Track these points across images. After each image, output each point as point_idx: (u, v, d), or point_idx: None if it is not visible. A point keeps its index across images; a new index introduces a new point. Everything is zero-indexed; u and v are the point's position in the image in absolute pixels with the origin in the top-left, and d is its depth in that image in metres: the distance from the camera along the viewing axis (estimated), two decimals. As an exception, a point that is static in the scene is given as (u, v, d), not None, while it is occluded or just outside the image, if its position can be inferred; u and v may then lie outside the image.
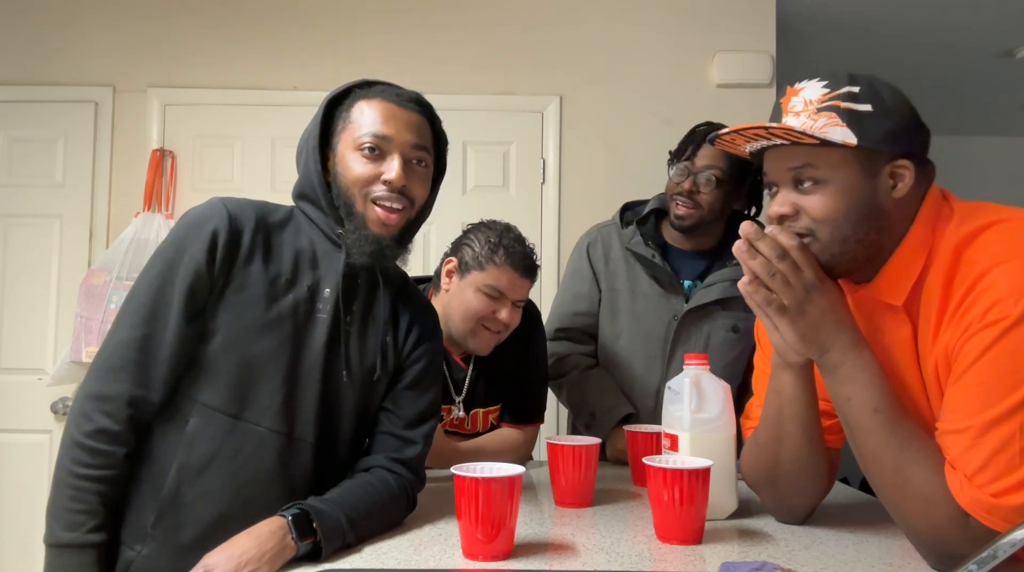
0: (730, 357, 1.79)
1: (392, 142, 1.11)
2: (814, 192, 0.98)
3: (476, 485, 0.98)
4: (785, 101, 1.04)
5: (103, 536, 1.01)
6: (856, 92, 0.97)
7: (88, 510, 1.00)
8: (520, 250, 1.56)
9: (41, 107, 2.81)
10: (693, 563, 0.99)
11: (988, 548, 0.64)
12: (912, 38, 3.24)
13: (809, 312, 0.98)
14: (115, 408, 1.01)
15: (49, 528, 1.00)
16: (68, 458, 1.00)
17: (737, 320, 1.79)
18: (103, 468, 1.01)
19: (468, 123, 2.80)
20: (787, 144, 1.00)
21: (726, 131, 1.02)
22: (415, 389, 1.22)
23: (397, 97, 1.14)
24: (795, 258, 0.97)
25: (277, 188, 2.78)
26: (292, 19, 2.85)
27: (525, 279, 1.57)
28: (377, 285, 1.18)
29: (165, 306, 1.04)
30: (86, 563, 0.99)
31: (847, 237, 0.97)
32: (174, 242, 1.07)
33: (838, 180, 0.97)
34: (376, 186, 1.10)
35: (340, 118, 1.14)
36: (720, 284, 1.77)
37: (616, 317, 1.84)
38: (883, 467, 0.95)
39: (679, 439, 1.22)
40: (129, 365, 1.02)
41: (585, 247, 1.91)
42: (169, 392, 1.05)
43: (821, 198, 0.97)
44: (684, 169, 1.74)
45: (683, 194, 1.73)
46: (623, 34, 2.86)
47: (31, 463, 2.64)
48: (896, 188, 0.98)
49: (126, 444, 1.03)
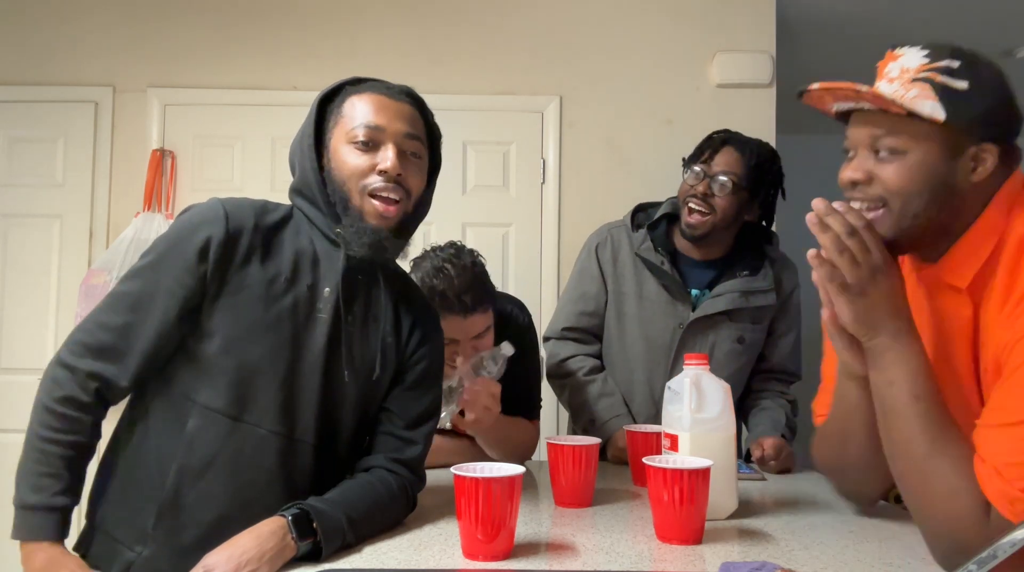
0: (735, 367, 1.79)
1: (385, 132, 1.10)
2: (892, 162, 0.96)
3: (476, 485, 0.97)
4: (882, 65, 1.02)
5: (68, 500, 1.02)
6: (955, 67, 0.95)
7: (54, 473, 1.01)
8: (448, 294, 1.44)
9: (41, 107, 2.81)
10: (693, 563, 0.99)
11: (988, 548, 0.64)
12: (912, 38, 3.24)
13: (870, 293, 0.96)
14: (84, 382, 1.03)
15: (17, 490, 1.02)
16: (37, 421, 1.03)
17: (743, 331, 1.79)
18: (69, 433, 1.03)
19: (468, 123, 2.80)
20: (874, 109, 0.98)
21: (816, 86, 1.00)
22: (416, 389, 1.22)
23: (387, 90, 1.14)
24: (864, 238, 0.96)
25: (277, 188, 2.78)
26: (292, 19, 2.85)
27: (469, 317, 1.47)
28: (377, 284, 1.18)
29: (149, 300, 1.05)
30: (51, 525, 1.01)
31: (918, 213, 0.96)
32: (169, 239, 1.08)
33: (918, 154, 0.95)
34: (371, 177, 1.09)
35: (332, 114, 1.14)
36: (728, 295, 1.76)
37: (622, 320, 1.84)
38: (912, 454, 0.95)
39: (679, 439, 1.22)
40: (105, 348, 1.04)
41: (594, 247, 1.89)
42: (140, 381, 1.07)
43: (897, 169, 0.95)
44: (700, 172, 1.73)
45: (697, 197, 1.72)
46: (623, 34, 2.86)
47: (31, 463, 2.64)
48: (976, 171, 0.96)
49: (92, 414, 1.05)
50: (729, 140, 1.75)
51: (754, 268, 1.79)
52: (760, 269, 1.79)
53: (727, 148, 1.73)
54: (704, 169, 1.73)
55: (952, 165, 0.95)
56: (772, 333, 1.85)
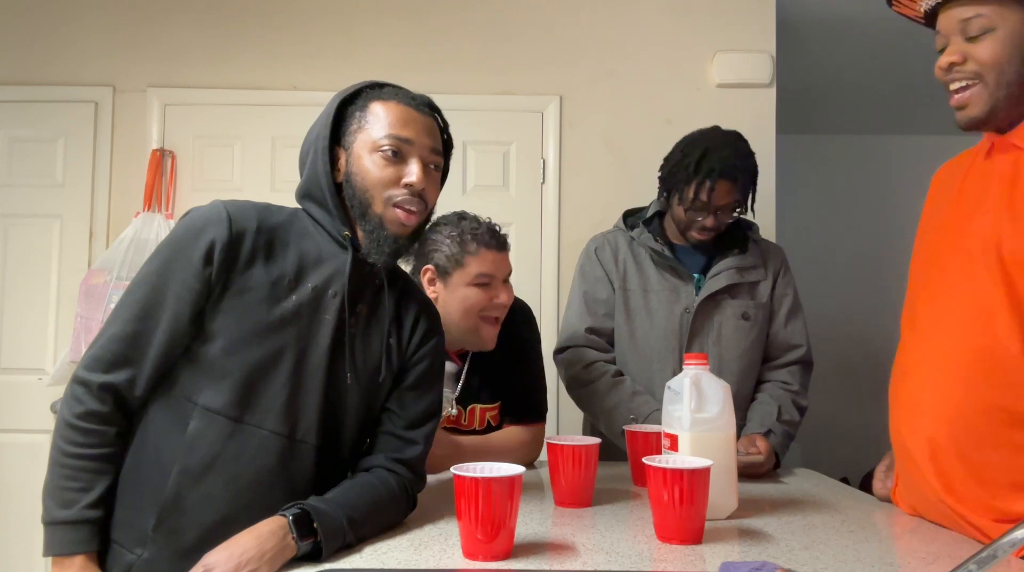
0: (744, 345, 1.82)
1: (413, 145, 1.11)
2: (983, 40, 1.07)
3: (476, 485, 0.98)
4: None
5: (99, 512, 1.03)
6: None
7: (83, 488, 1.02)
8: (485, 229, 1.57)
9: (41, 107, 2.81)
10: (693, 563, 0.99)
11: (988, 548, 0.64)
12: (912, 38, 3.24)
13: None
14: (101, 394, 1.03)
15: (45, 507, 1.02)
16: (61, 438, 1.03)
17: (747, 307, 1.83)
18: (95, 447, 1.03)
19: (468, 123, 2.79)
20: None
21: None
22: (418, 389, 1.22)
23: (413, 100, 1.15)
24: None
25: (277, 188, 2.78)
26: (292, 19, 2.85)
27: (503, 253, 1.58)
28: (381, 286, 1.18)
29: (158, 306, 1.05)
30: (83, 539, 1.01)
31: (1011, 81, 1.06)
32: (172, 243, 1.08)
33: (1007, 27, 1.06)
34: (397, 189, 1.10)
35: (353, 118, 1.14)
36: (726, 272, 1.82)
37: (631, 317, 1.85)
38: None
39: (679, 439, 1.22)
40: (118, 359, 1.04)
41: (593, 251, 1.91)
42: (154, 386, 1.07)
43: (990, 44, 1.06)
44: (703, 208, 1.76)
45: (707, 228, 1.78)
46: (623, 34, 2.86)
47: (31, 463, 2.64)
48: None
49: (115, 423, 1.05)
50: (721, 172, 1.73)
51: (742, 247, 1.86)
52: (747, 248, 1.86)
53: (722, 182, 1.73)
54: (706, 207, 1.76)
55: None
56: (772, 314, 1.87)
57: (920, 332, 1.19)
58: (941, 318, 1.14)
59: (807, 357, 1.87)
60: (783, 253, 1.94)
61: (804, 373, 1.87)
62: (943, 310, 1.14)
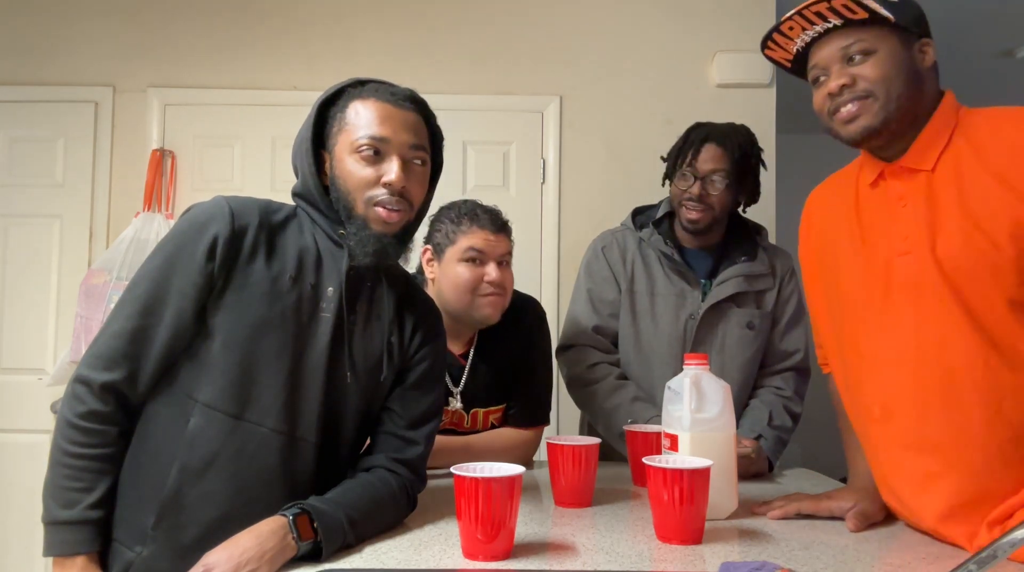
0: (748, 354, 1.80)
1: (390, 143, 1.10)
2: (866, 61, 1.11)
3: (476, 485, 0.98)
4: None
5: (101, 513, 1.03)
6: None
7: (85, 488, 1.02)
8: (482, 210, 1.59)
9: (41, 107, 2.81)
10: (693, 563, 0.99)
11: (988, 548, 0.64)
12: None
13: None
14: (102, 394, 1.03)
15: (46, 507, 1.01)
16: (62, 438, 1.02)
17: (751, 317, 1.80)
18: (97, 447, 1.03)
19: (468, 123, 2.80)
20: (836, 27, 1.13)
21: (788, 16, 1.14)
22: (418, 389, 1.22)
23: (392, 96, 1.13)
24: None
25: (277, 188, 2.78)
26: (292, 19, 2.85)
27: (498, 234, 1.59)
28: (381, 284, 1.18)
29: (161, 302, 1.05)
30: (84, 539, 1.01)
31: (900, 94, 1.10)
32: (175, 239, 1.08)
33: (886, 48, 1.11)
34: (376, 189, 1.10)
35: (335, 119, 1.13)
36: (733, 280, 1.79)
37: (636, 319, 1.83)
38: None
39: (679, 439, 1.22)
40: (120, 356, 1.03)
41: (600, 250, 1.89)
42: (156, 384, 1.06)
43: (874, 64, 1.11)
44: (689, 175, 1.75)
45: (693, 199, 1.75)
46: (623, 34, 2.87)
47: (31, 463, 2.64)
48: (925, 59, 1.14)
49: (117, 423, 1.05)
50: (709, 136, 1.74)
51: (750, 254, 1.82)
52: (756, 255, 1.83)
53: (709, 146, 1.73)
54: (692, 171, 1.74)
55: (910, 53, 1.12)
56: (775, 320, 1.85)
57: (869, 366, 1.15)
58: (897, 351, 1.10)
59: (803, 364, 1.85)
60: (791, 259, 1.88)
61: (799, 379, 1.84)
62: (895, 343, 1.11)
